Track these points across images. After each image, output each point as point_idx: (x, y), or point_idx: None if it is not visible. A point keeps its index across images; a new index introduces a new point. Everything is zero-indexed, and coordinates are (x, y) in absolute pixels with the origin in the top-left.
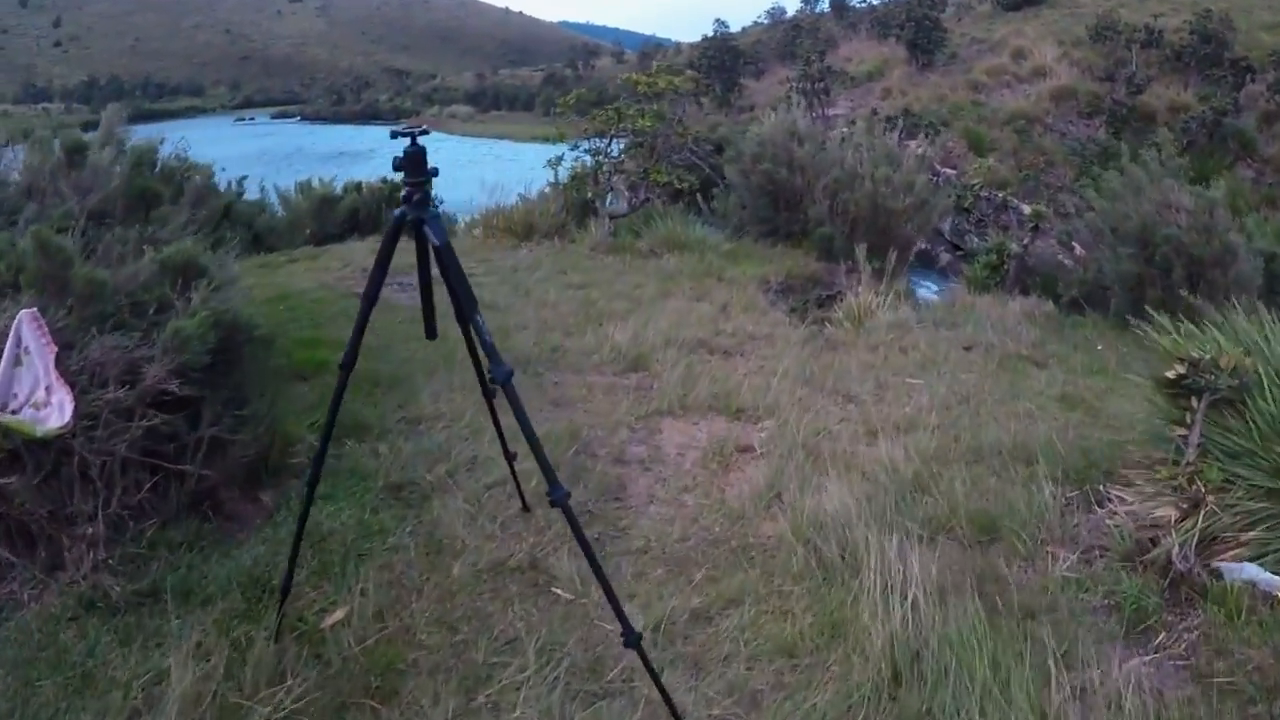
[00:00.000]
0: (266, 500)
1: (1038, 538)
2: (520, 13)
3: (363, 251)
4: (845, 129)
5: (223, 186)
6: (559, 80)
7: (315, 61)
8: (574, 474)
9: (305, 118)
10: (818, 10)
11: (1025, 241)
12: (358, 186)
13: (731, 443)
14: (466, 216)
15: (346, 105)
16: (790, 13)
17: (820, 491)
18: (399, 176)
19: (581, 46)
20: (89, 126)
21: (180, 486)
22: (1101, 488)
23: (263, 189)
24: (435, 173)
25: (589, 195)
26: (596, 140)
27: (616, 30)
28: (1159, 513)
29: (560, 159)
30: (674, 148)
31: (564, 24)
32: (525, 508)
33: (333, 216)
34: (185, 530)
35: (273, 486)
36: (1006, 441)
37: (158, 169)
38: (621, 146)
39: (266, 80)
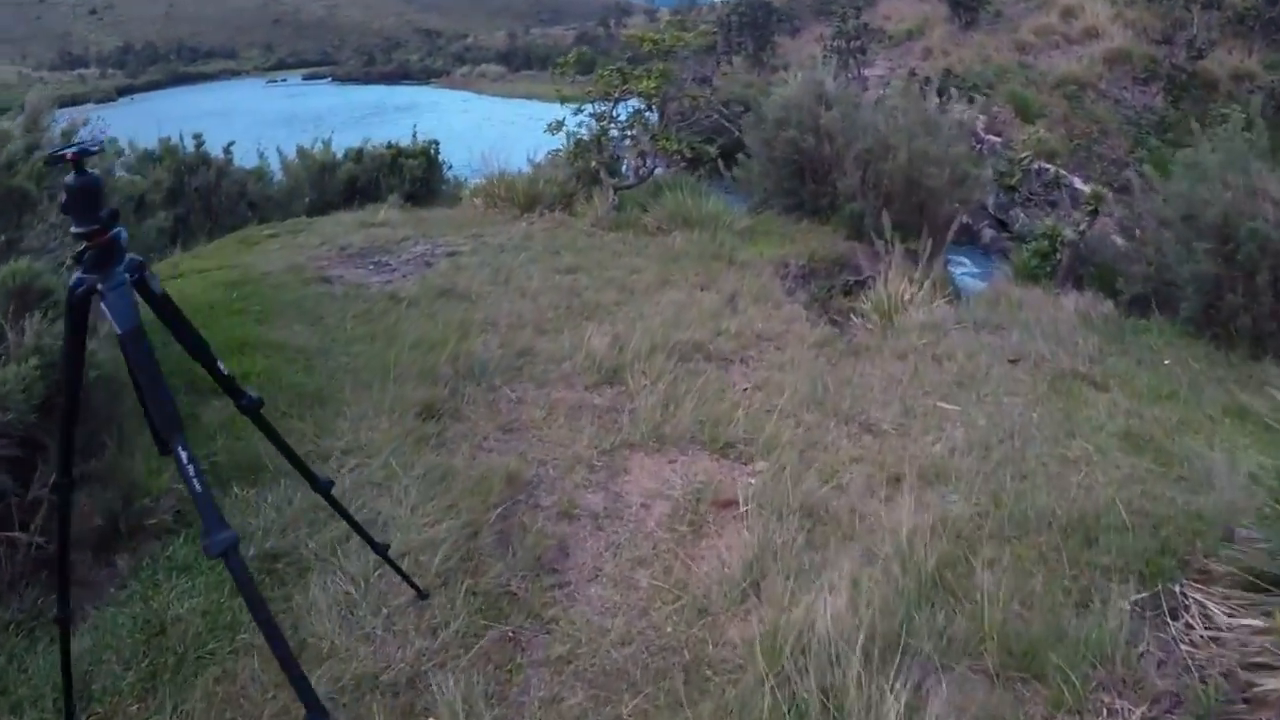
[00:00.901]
0: (122, 565)
1: (1091, 678)
2: None
3: (348, 225)
4: (882, 91)
5: (217, 154)
6: (590, 39)
7: (348, 23)
8: (502, 535)
9: (336, 79)
10: None
11: (1082, 227)
12: (358, 154)
13: (711, 492)
14: (474, 181)
15: (377, 66)
16: None
17: (812, 583)
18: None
19: (614, 5)
20: (124, 91)
21: (12, 555)
22: (1178, 588)
23: (261, 155)
24: (115, 217)
25: (592, 164)
26: (601, 104)
27: None
28: (1259, 637)
29: (561, 124)
30: (686, 111)
31: None
32: (420, 594)
33: (332, 184)
34: (20, 605)
35: (129, 550)
36: (1059, 509)
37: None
38: (628, 111)
39: (299, 43)
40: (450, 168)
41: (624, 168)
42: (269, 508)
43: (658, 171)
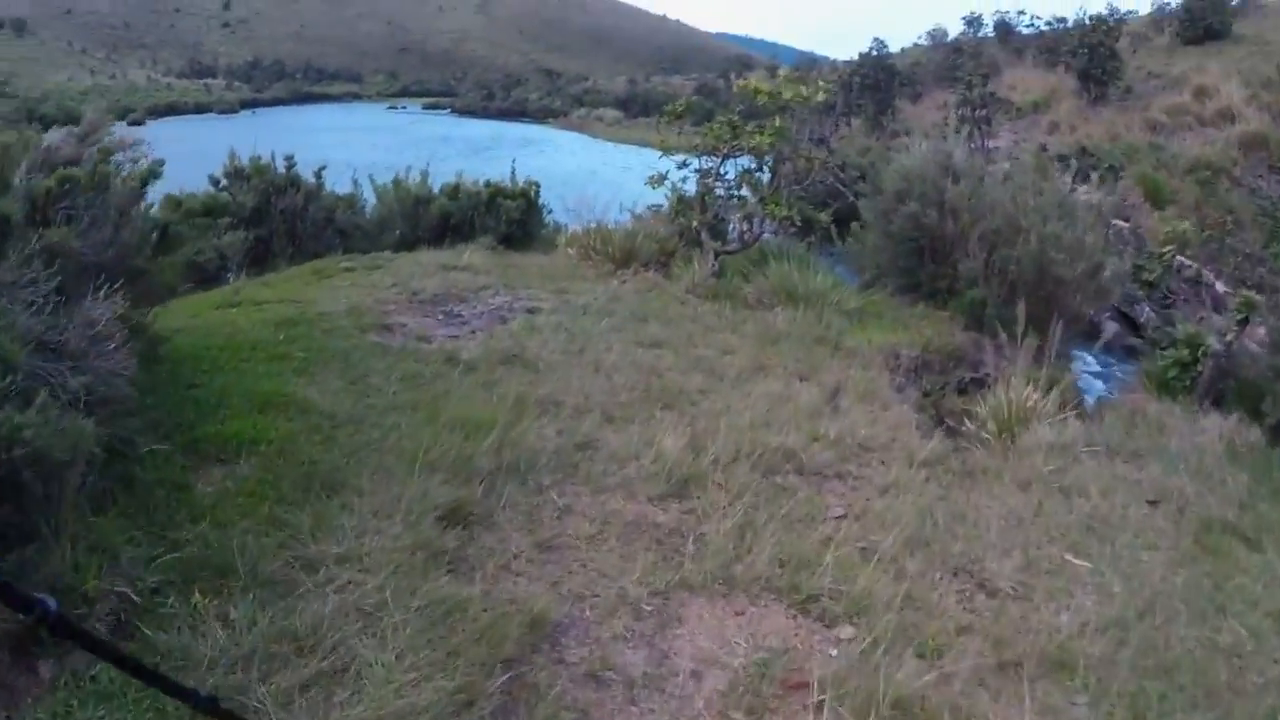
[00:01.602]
0: (44, 673)
1: None
2: (677, 21)
3: (428, 266)
4: (1008, 164)
5: (309, 177)
6: (710, 90)
7: (472, 57)
8: (506, 706)
9: (455, 110)
10: (980, 35)
11: (1229, 337)
12: (454, 189)
13: (782, 666)
14: (573, 228)
15: (496, 101)
16: (952, 35)
17: None
18: None
19: (735, 58)
20: (247, 104)
21: None
22: None
23: (355, 182)
24: None
25: (694, 224)
26: (709, 159)
27: (774, 45)
28: None
29: (664, 177)
30: (800, 173)
31: (721, 35)
32: None
33: (424, 219)
34: None
35: (54, 656)
36: None
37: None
38: (739, 168)
39: (424, 72)
40: (550, 212)
41: (729, 230)
42: (226, 630)
43: (765, 237)
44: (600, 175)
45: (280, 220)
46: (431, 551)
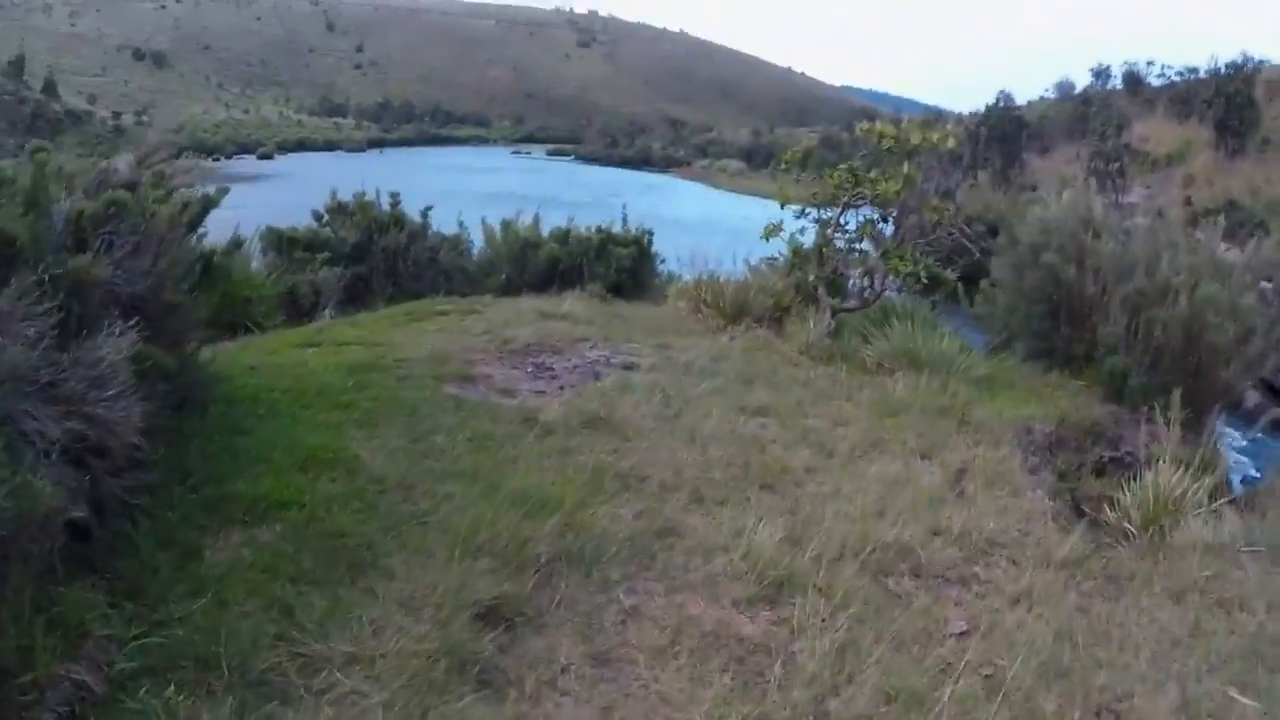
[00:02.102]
0: None
1: None
2: (803, 73)
3: (526, 313)
4: (1152, 219)
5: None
6: (834, 143)
7: (597, 105)
8: None
9: (579, 157)
10: (1109, 86)
11: None
12: (564, 234)
13: None
14: (685, 278)
15: (620, 149)
16: (1079, 87)
17: None
18: None
19: (859, 110)
20: (375, 143)
21: None
22: None
23: (461, 223)
24: None
25: (810, 278)
26: (828, 209)
27: (898, 98)
28: None
29: (778, 228)
30: (925, 227)
31: (847, 88)
32: None
33: (532, 264)
34: None
35: None
36: None
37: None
38: (859, 219)
39: (550, 118)
40: (663, 261)
41: (849, 284)
42: None
43: (887, 294)
44: (719, 225)
45: (381, 258)
46: (459, 659)
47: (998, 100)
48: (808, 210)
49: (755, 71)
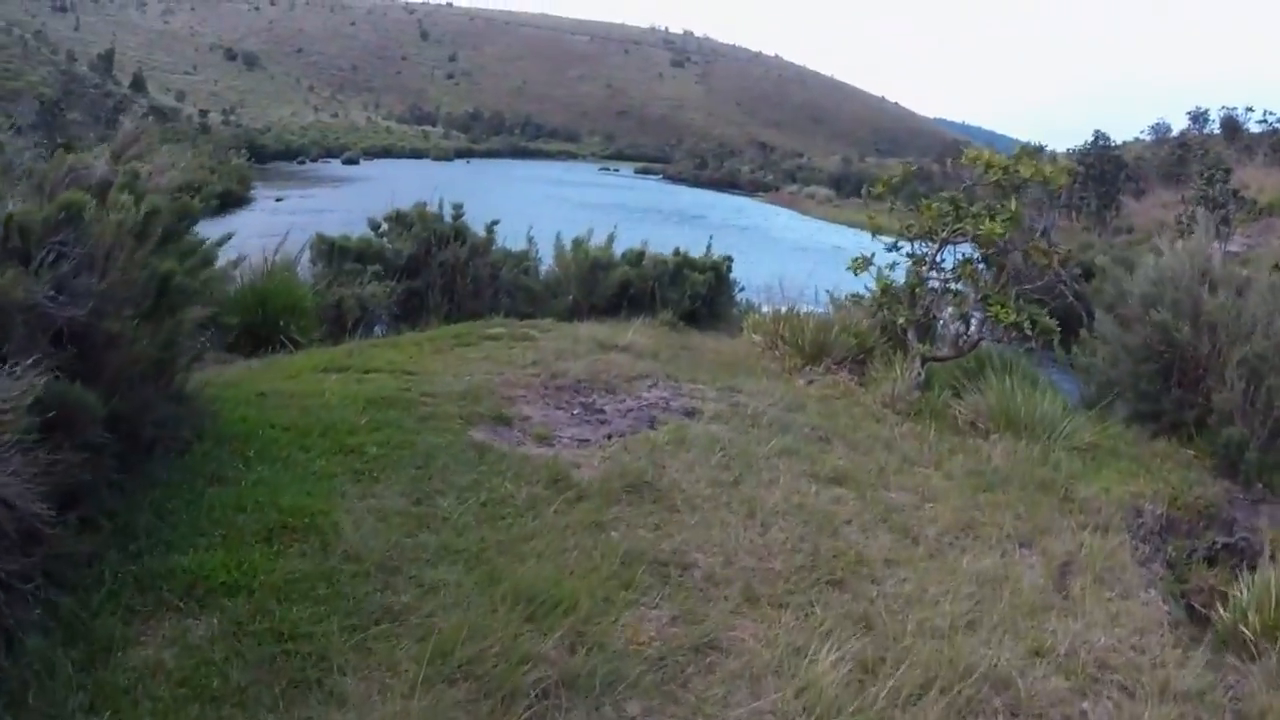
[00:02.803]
0: None
1: None
2: (896, 103)
3: (584, 342)
4: (1271, 273)
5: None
6: (925, 175)
7: (688, 125)
8: None
9: (666, 177)
10: (1206, 131)
11: None
12: (638, 256)
13: None
14: (764, 309)
15: (708, 170)
16: (1175, 130)
17: None
18: None
19: (951, 143)
20: (462, 153)
21: None
22: None
23: (530, 240)
24: None
25: (899, 320)
26: (924, 244)
27: (991, 133)
28: None
29: (868, 261)
30: (1024, 269)
31: (939, 120)
32: None
33: (601, 286)
34: None
35: None
36: None
37: None
38: (956, 256)
39: (640, 137)
40: (742, 289)
41: (939, 328)
42: None
43: (983, 342)
44: (805, 254)
45: (438, 273)
46: None
47: (1095, 139)
48: (900, 243)
49: (848, 99)
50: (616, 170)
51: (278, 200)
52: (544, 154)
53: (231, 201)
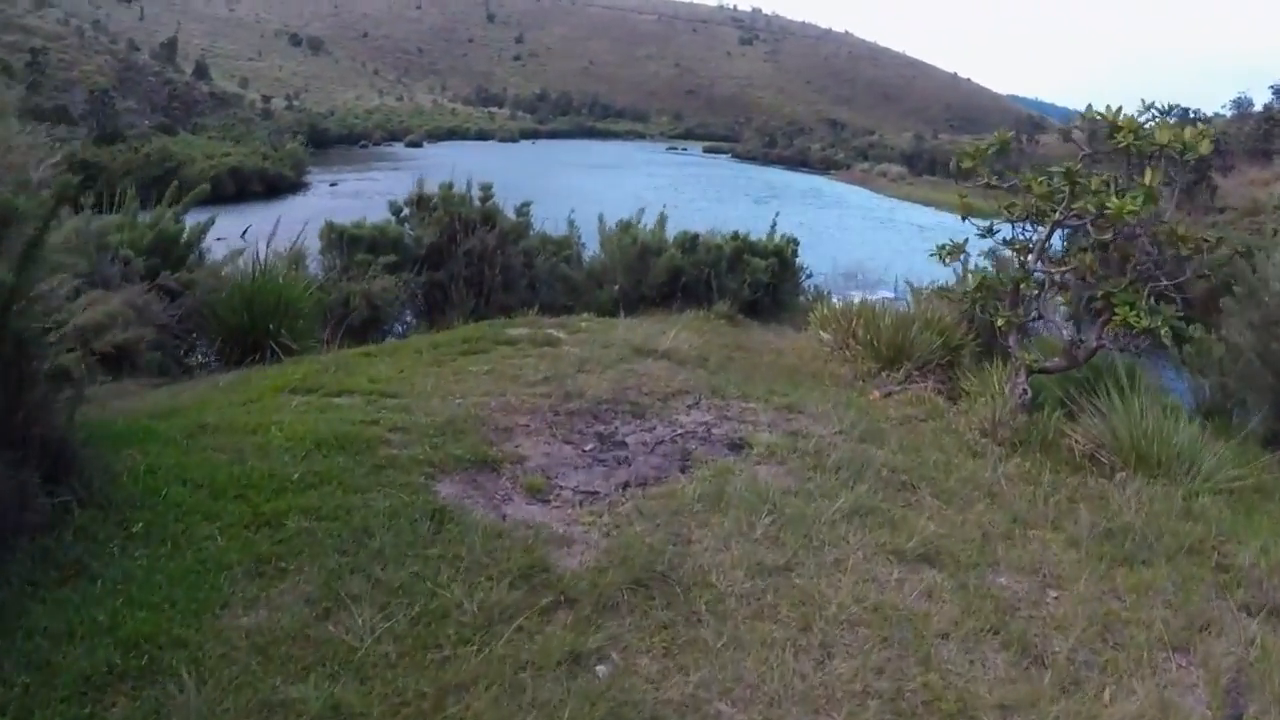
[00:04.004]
0: None
1: None
2: (969, 79)
3: (617, 347)
4: None
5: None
6: (1001, 151)
7: (757, 103)
8: None
9: (735, 155)
10: None
11: None
12: (692, 240)
13: None
14: (833, 301)
15: (777, 149)
16: (1258, 105)
17: None
18: None
19: (1027, 119)
20: (528, 134)
21: None
22: None
23: (572, 223)
24: None
25: (998, 322)
26: (1025, 227)
27: (1065, 109)
28: None
29: (959, 248)
30: (1158, 260)
31: (1012, 97)
32: None
33: (650, 274)
34: None
35: None
36: None
37: None
38: (1065, 241)
39: (708, 116)
40: (810, 275)
41: (1041, 326)
42: None
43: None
44: (878, 237)
45: (462, 264)
46: None
47: (1183, 114)
48: (996, 227)
49: (919, 75)
50: (685, 150)
51: (332, 185)
52: (612, 134)
53: (285, 186)
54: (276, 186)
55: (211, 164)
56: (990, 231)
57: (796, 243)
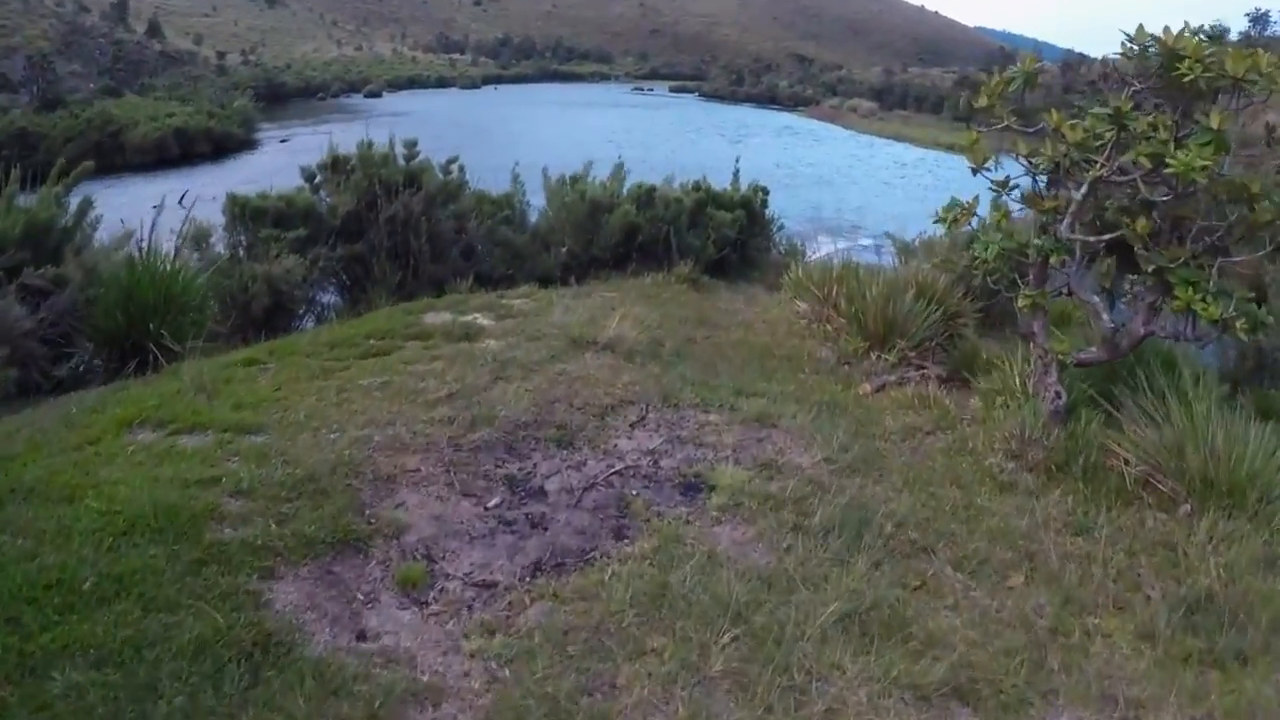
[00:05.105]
0: None
1: None
2: (936, 12)
3: (548, 339)
4: None
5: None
6: (972, 84)
7: (723, 41)
8: None
9: (702, 94)
10: (1267, 33)
11: None
12: (648, 193)
13: None
14: (808, 260)
15: (745, 87)
16: (1234, 33)
17: None
18: None
19: (998, 51)
20: (490, 80)
21: None
22: None
23: (516, 178)
24: None
25: (1019, 302)
26: (1053, 182)
27: (1035, 41)
28: None
29: (969, 211)
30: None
31: (981, 29)
32: None
33: (602, 234)
34: None
35: None
36: None
37: None
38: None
39: (674, 55)
40: (781, 227)
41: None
42: None
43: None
44: (854, 175)
45: (385, 233)
46: None
47: (1219, 33)
48: (1015, 184)
49: (886, 9)
50: (651, 90)
51: (283, 141)
52: (577, 77)
53: (234, 145)
54: (224, 146)
55: (155, 126)
56: (1005, 185)
57: (766, 192)
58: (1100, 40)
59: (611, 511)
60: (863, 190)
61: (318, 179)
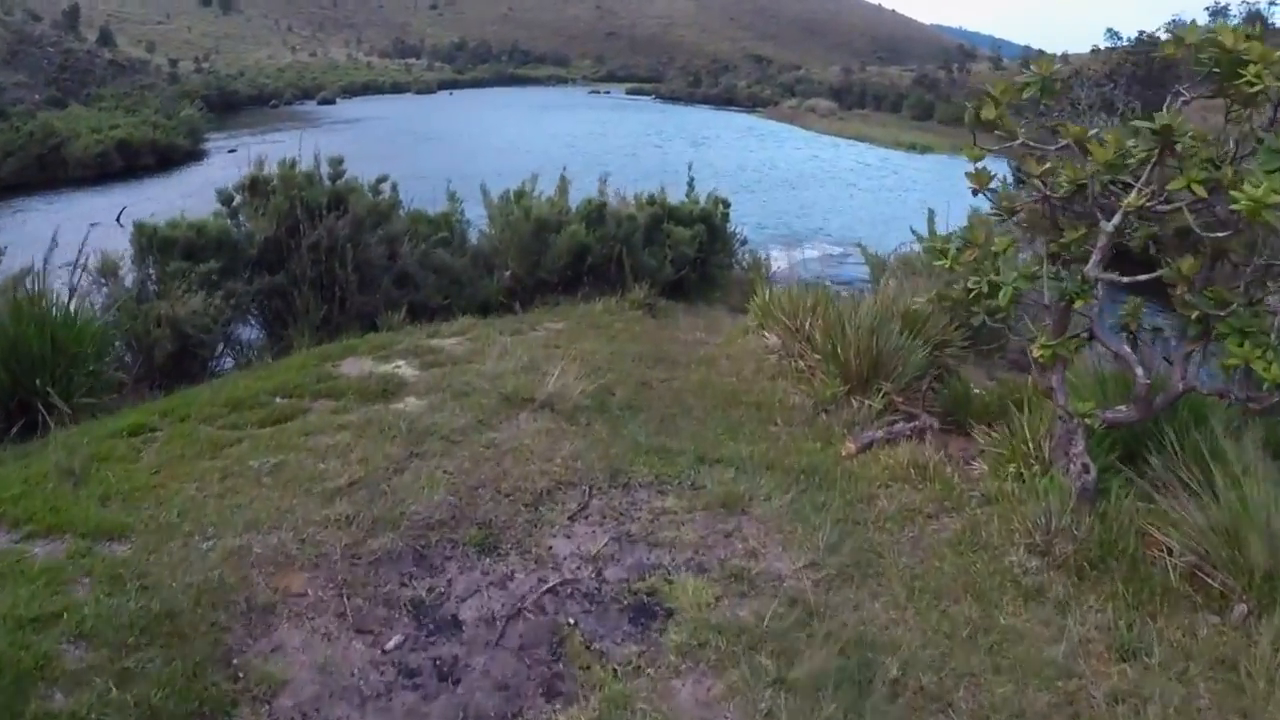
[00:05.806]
0: None
1: None
2: (893, 11)
3: (480, 396)
4: None
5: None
6: (931, 83)
7: (681, 43)
8: None
9: (659, 96)
10: (1233, 25)
11: None
12: (598, 209)
13: None
14: (775, 264)
15: (702, 88)
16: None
17: None
18: None
19: (956, 49)
20: (446, 85)
21: None
22: None
23: (453, 196)
24: None
25: (1035, 352)
26: (1073, 206)
27: (991, 37)
28: None
29: (973, 245)
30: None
31: (938, 27)
32: None
33: (550, 255)
34: None
35: None
36: None
37: None
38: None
39: (631, 57)
40: (744, 242)
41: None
42: None
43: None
44: (819, 177)
45: (309, 261)
46: None
47: (1139, 37)
48: (1016, 209)
49: (843, 8)
50: (607, 92)
51: (231, 151)
52: (533, 80)
53: (179, 157)
54: (170, 158)
55: (97, 138)
56: (1012, 212)
57: (727, 205)
58: (1059, 37)
59: (542, 653)
60: (830, 193)
61: (235, 201)
